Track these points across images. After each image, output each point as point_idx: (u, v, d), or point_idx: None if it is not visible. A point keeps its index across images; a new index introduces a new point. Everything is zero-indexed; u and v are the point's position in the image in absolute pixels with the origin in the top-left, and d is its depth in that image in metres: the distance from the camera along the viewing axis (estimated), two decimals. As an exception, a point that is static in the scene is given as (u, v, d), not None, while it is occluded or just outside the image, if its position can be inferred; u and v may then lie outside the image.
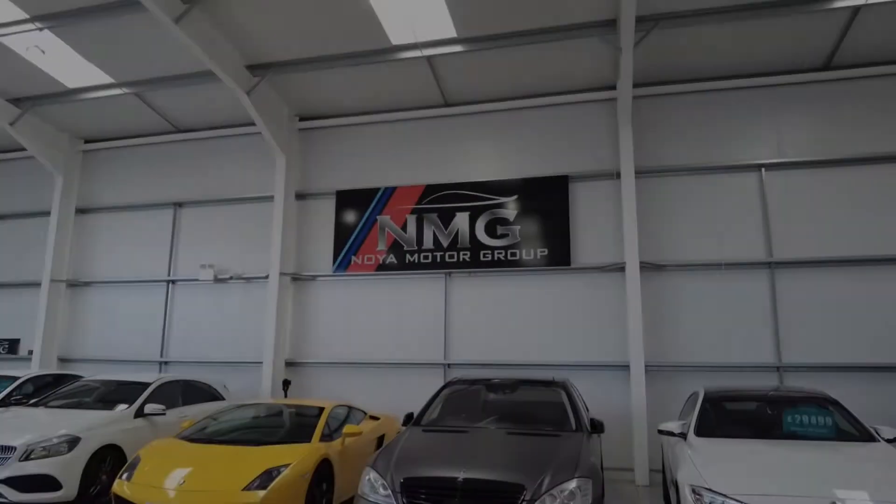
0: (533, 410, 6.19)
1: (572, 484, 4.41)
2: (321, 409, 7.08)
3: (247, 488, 5.37)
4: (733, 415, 6.19)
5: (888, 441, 5.30)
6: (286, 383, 10.24)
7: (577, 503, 4.32)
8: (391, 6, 8.54)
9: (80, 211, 12.83)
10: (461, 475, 4.44)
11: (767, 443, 5.39)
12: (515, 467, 4.56)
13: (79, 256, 12.67)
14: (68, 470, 6.53)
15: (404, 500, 4.42)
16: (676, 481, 5.07)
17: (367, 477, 4.75)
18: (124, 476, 5.83)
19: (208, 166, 12.15)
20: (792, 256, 9.17)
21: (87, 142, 13.08)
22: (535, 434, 5.46)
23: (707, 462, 4.92)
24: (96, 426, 7.06)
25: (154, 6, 8.21)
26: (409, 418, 6.31)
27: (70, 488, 6.51)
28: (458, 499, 4.29)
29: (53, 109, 11.89)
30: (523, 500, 4.27)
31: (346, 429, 6.69)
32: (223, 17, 9.09)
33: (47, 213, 12.78)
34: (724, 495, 4.37)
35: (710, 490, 4.48)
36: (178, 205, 12.15)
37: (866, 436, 5.40)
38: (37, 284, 12.48)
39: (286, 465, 5.64)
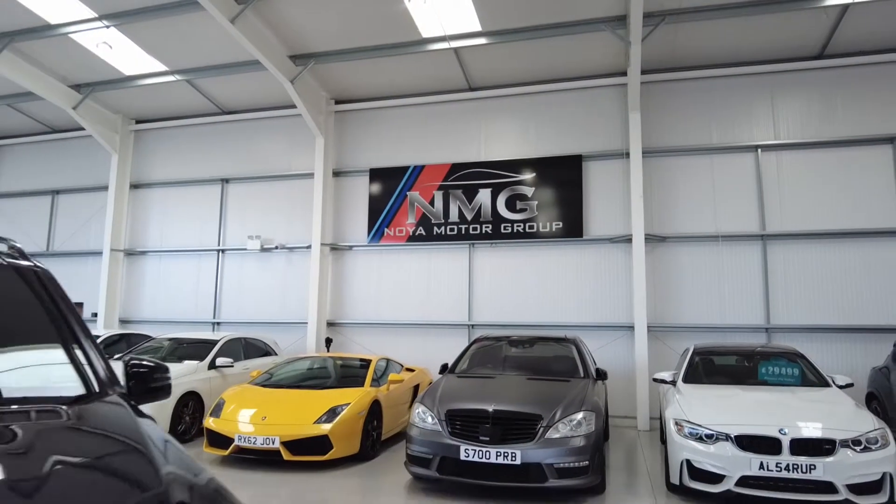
0: (548, 361, 7.41)
1: (579, 415, 5.62)
2: (369, 361, 8.36)
3: (317, 422, 6.68)
4: (716, 366, 7.36)
5: (840, 387, 6.44)
6: (328, 341, 11.54)
7: (583, 430, 5.53)
8: (422, 3, 9.49)
9: (134, 186, 14.08)
10: (492, 407, 5.66)
11: (742, 388, 6.57)
12: (534, 403, 5.78)
13: (135, 228, 13.97)
14: (161, 413, 7.88)
15: (448, 427, 5.67)
16: (666, 420, 6.26)
17: (417, 410, 6.01)
18: (213, 415, 7.15)
19: (251, 145, 13.29)
20: (782, 230, 10.20)
21: (137, 122, 14.24)
22: (549, 379, 6.67)
23: (689, 402, 6.10)
24: (179, 376, 8.38)
25: (212, 7, 9.23)
26: (444, 368, 7.55)
27: (163, 426, 7.87)
28: (489, 425, 5.53)
29: (109, 94, 13.03)
30: (541, 426, 5.49)
31: (391, 377, 7.98)
32: (271, 15, 10.11)
33: (104, 188, 14.07)
34: (699, 425, 5.57)
35: (688, 422, 5.68)
36: (225, 180, 13.35)
37: (823, 383, 6.55)
38: (98, 253, 13.84)
39: (346, 405, 6.93)
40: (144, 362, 2.47)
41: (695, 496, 5.64)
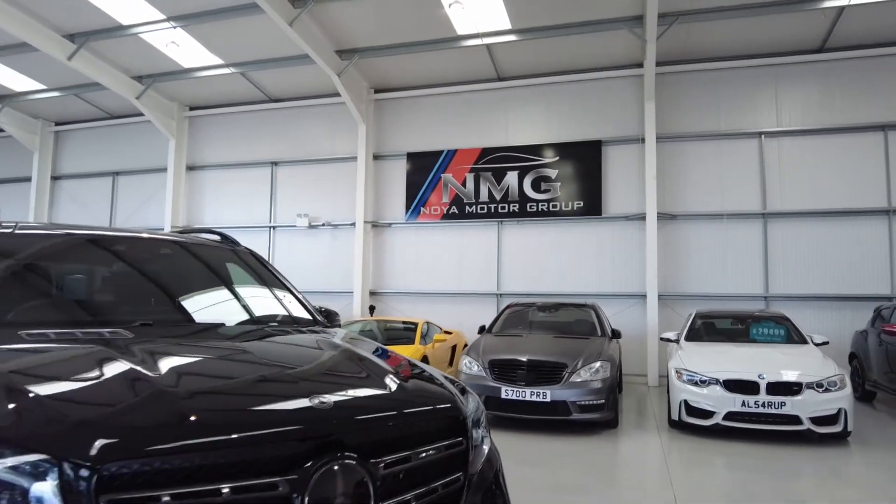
0: (570, 323, 8.72)
1: (597, 364, 6.94)
2: (415, 324, 9.75)
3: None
4: (715, 327, 8.62)
5: (816, 344, 7.67)
6: (372, 308, 12.94)
7: (600, 375, 6.85)
8: (461, 8, 10.60)
9: (190, 168, 15.47)
10: (526, 357, 7.01)
11: (734, 345, 7.84)
12: (561, 354, 7.10)
13: (191, 207, 15.40)
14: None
15: (491, 373, 7.03)
16: (669, 370, 7.55)
17: (464, 360, 7.36)
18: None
19: (298, 131, 14.57)
20: (782, 209, 11.34)
21: (191, 108, 15.57)
22: (572, 337, 8.00)
23: (689, 355, 7.39)
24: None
25: (273, 12, 10.40)
26: (482, 328, 8.90)
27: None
28: (525, 371, 6.87)
29: (168, 84, 14.33)
30: (566, 372, 6.82)
31: (436, 336, 9.36)
32: (322, 16, 11.29)
33: (160, 170, 15.46)
34: (695, 372, 6.87)
35: (686, 370, 6.98)
36: (275, 163, 14.69)
37: (803, 340, 7.79)
38: (158, 230, 15.30)
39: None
40: (328, 307, 3.80)
41: (690, 430, 6.95)
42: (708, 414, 6.65)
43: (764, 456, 5.95)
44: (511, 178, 12.79)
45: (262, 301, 3.52)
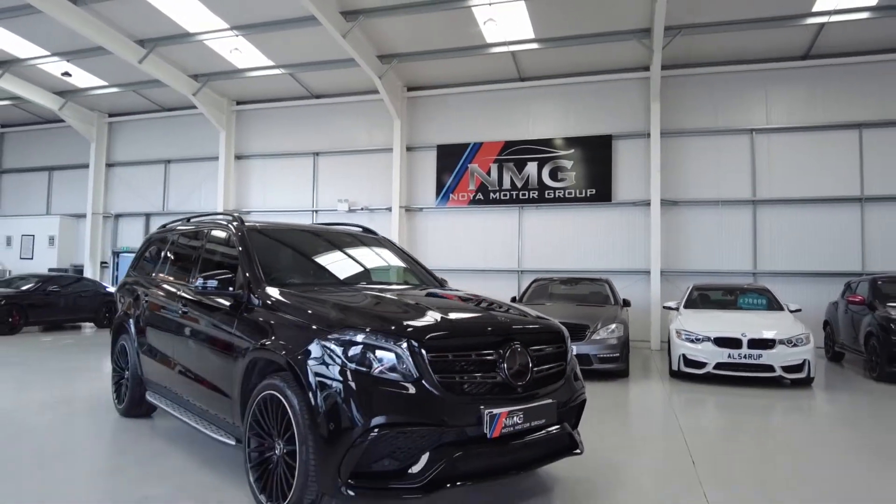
0: (588, 294, 10.45)
1: (612, 325, 8.66)
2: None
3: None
4: (709, 298, 10.33)
5: (791, 311, 9.37)
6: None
7: (615, 334, 8.58)
8: (489, 17, 12.07)
9: (238, 157, 17.07)
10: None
11: (724, 311, 9.57)
12: (583, 318, 8.80)
13: (239, 192, 17.04)
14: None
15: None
16: (670, 331, 9.25)
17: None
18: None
19: (337, 124, 16.16)
20: (770, 196, 13.00)
21: (238, 103, 17.12)
22: (591, 305, 9.71)
23: (687, 319, 9.10)
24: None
25: (330, 27, 11.90)
26: (513, 299, 10.61)
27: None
28: (555, 331, 8.59)
29: (220, 82, 15.87)
30: (588, 331, 8.53)
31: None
32: (370, 28, 12.82)
33: (209, 158, 17.06)
34: (692, 332, 8.58)
35: (685, 330, 8.69)
36: (316, 154, 16.30)
37: (780, 308, 9.50)
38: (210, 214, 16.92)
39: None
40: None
41: (687, 378, 8.69)
42: (701, 364, 8.39)
43: (745, 395, 7.68)
44: (531, 167, 14.42)
45: (407, 269, 5.24)
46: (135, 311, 5.60)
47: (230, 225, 4.75)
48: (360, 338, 3.14)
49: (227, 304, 4.08)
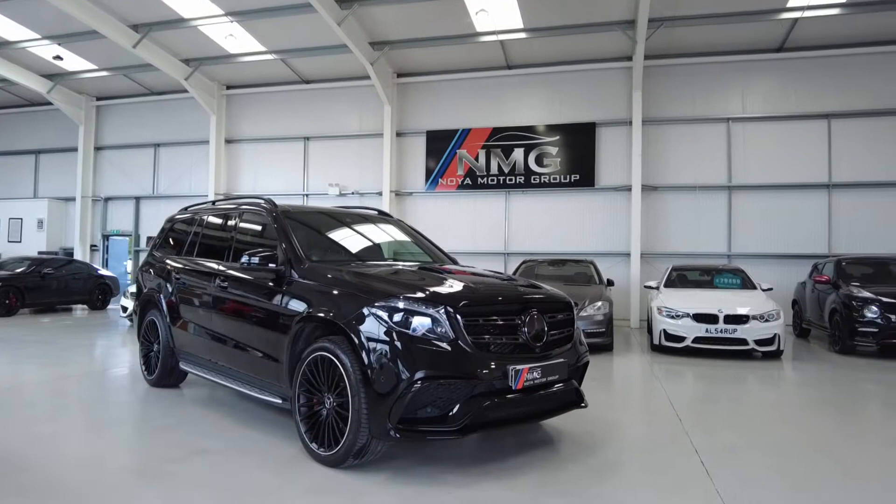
0: (574, 274, 11.06)
1: (599, 303, 9.29)
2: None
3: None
4: (687, 278, 11.03)
5: (763, 290, 10.09)
6: (398, 265, 15.12)
7: (601, 311, 9.20)
8: (480, 7, 12.49)
9: (228, 141, 17.30)
10: (548, 298, 9.34)
11: (701, 290, 10.27)
12: (570, 295, 9.30)
13: (229, 176, 17.29)
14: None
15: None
16: (651, 308, 9.91)
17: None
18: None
19: (328, 109, 16.47)
20: (744, 182, 13.73)
21: (228, 87, 17.30)
22: (577, 284, 10.33)
23: (667, 297, 9.77)
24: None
25: (324, 12, 12.20)
26: (505, 279, 11.18)
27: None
28: (547, 308, 9.19)
29: (212, 67, 16.05)
30: (576, 308, 9.12)
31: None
32: (364, 16, 13.15)
33: (199, 142, 17.26)
34: (672, 309, 9.25)
35: (666, 307, 9.35)
36: (307, 138, 16.61)
37: (753, 287, 10.21)
38: (200, 196, 17.14)
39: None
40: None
41: (668, 351, 9.36)
42: (681, 339, 9.06)
43: (721, 366, 8.36)
44: (518, 154, 14.95)
45: (423, 248, 5.75)
46: (166, 288, 6.01)
47: (264, 208, 5.20)
48: (404, 305, 3.66)
49: (270, 279, 4.54)
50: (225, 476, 3.64)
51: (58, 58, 15.53)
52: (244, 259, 4.56)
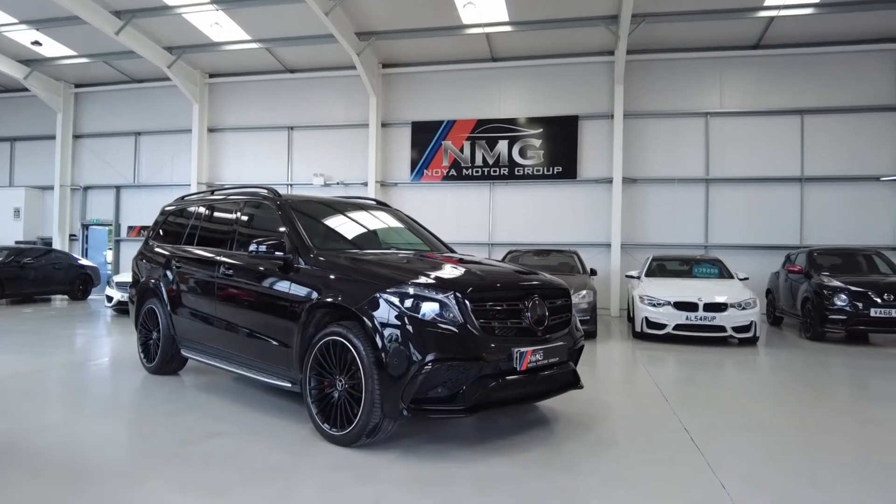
0: (558, 264, 11.34)
1: (584, 291, 9.57)
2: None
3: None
4: (666, 267, 11.38)
5: (740, 279, 10.48)
6: (383, 255, 15.27)
7: (587, 299, 9.49)
8: (473, 7, 12.63)
9: (211, 130, 17.20)
10: (535, 287, 9.60)
11: (681, 279, 10.62)
12: (558, 285, 9.67)
13: (212, 165, 17.21)
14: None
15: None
16: (633, 297, 10.23)
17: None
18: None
19: (313, 99, 16.48)
20: (721, 175, 14.14)
21: (210, 76, 17.19)
22: (562, 274, 10.59)
23: (649, 286, 10.10)
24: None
25: (312, 2, 12.22)
26: (491, 269, 11.41)
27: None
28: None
29: (195, 55, 15.93)
30: (563, 297, 9.40)
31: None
32: (351, 6, 13.20)
33: (181, 131, 17.15)
34: (653, 297, 9.57)
35: (648, 296, 9.68)
36: (291, 128, 16.61)
37: (730, 276, 10.60)
38: (182, 185, 17.06)
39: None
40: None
41: (649, 338, 9.69)
42: (662, 326, 9.40)
43: (701, 352, 8.71)
44: (502, 146, 15.16)
45: (422, 237, 5.94)
46: (166, 277, 6.10)
47: (268, 197, 5.33)
48: (415, 291, 3.85)
49: (277, 266, 4.69)
50: (242, 456, 3.80)
51: (36, 43, 15.27)
52: (252, 247, 4.69)
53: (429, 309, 3.80)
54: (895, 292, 9.33)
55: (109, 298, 12.01)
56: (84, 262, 16.17)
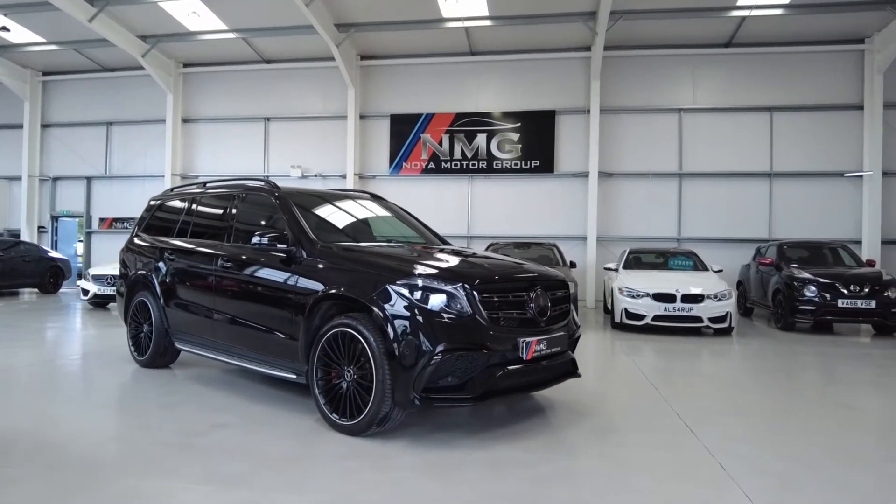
0: (538, 257, 11.55)
1: (567, 284, 9.78)
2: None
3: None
4: (642, 260, 11.68)
5: (714, 271, 10.82)
6: (363, 248, 15.29)
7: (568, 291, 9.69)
8: (455, 2, 12.70)
9: (185, 120, 16.93)
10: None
11: (658, 271, 10.92)
12: (541, 277, 9.88)
13: (186, 156, 16.95)
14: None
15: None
16: (613, 289, 10.50)
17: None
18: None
19: (290, 90, 16.35)
20: (694, 170, 14.53)
21: (185, 65, 16.90)
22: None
23: (627, 278, 10.36)
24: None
25: (292, -5, 12.19)
26: (473, 261, 11.57)
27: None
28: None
29: (169, 44, 15.64)
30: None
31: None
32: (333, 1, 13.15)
33: (154, 121, 16.85)
34: (632, 289, 9.84)
35: (627, 288, 9.94)
36: (267, 119, 16.46)
37: (705, 268, 10.95)
38: (155, 177, 16.78)
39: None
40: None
41: (628, 329, 9.97)
42: (641, 317, 9.67)
43: (679, 342, 9.00)
44: (480, 139, 15.30)
45: (417, 231, 6.03)
46: (158, 269, 6.07)
47: (266, 189, 5.36)
48: (425, 283, 3.95)
49: (279, 259, 4.72)
50: (252, 446, 3.86)
51: (3, 28, 14.80)
52: (255, 240, 4.71)
53: (438, 300, 3.91)
54: (861, 284, 9.77)
55: (85, 291, 11.79)
56: (54, 254, 15.81)
